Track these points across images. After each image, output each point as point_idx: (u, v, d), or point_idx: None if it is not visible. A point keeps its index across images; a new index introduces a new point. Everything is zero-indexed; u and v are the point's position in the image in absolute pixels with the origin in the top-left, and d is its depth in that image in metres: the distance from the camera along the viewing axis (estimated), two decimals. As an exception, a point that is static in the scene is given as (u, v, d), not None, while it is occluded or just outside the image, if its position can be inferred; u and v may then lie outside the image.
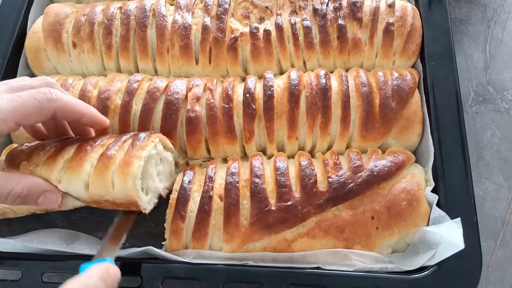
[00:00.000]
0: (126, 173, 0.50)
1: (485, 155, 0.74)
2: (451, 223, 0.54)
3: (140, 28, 0.69)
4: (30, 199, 0.50)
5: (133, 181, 0.50)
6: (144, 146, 0.52)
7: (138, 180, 0.51)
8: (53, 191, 0.51)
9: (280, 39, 0.67)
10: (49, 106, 0.48)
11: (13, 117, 0.46)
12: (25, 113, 0.47)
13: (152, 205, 0.55)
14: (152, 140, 0.54)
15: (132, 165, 0.50)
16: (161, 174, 0.57)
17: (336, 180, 0.57)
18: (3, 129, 0.46)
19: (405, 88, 0.62)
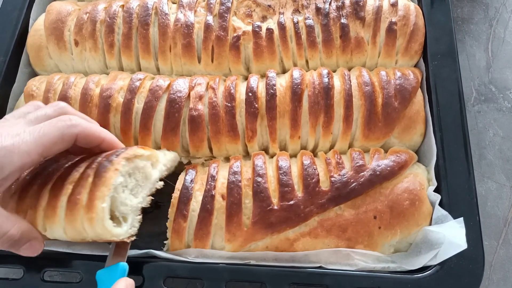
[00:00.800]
0: (91, 219, 0.46)
1: (487, 154, 0.74)
2: (453, 222, 0.54)
3: (142, 26, 0.69)
4: (19, 244, 0.48)
5: (102, 225, 0.47)
6: (106, 181, 0.47)
7: (107, 221, 0.47)
8: (38, 240, 0.49)
9: (282, 38, 0.67)
10: (71, 132, 0.48)
11: (37, 149, 0.45)
12: (48, 144, 0.46)
13: (137, 224, 0.53)
14: (116, 168, 0.48)
15: (94, 210, 0.46)
16: (136, 186, 0.53)
17: (339, 179, 0.57)
18: (27, 162, 0.45)
19: (407, 88, 0.62)
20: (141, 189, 0.54)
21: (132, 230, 0.51)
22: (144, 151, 0.53)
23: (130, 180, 0.51)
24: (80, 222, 0.47)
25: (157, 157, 0.56)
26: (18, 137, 0.45)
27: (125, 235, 0.50)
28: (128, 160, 0.50)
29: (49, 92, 0.66)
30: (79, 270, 0.56)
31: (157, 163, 0.56)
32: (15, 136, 0.45)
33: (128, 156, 0.50)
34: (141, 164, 0.53)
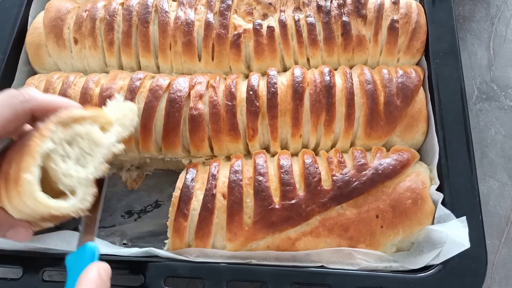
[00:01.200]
0: (19, 193, 0.42)
1: (489, 153, 0.74)
2: (456, 221, 0.54)
3: (142, 24, 0.68)
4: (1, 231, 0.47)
5: (32, 198, 0.42)
6: (29, 150, 0.42)
7: (37, 193, 0.42)
8: (25, 226, 0.48)
9: (283, 36, 0.67)
10: (24, 108, 0.46)
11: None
12: (1, 123, 0.44)
13: (89, 198, 0.48)
14: (42, 135, 0.43)
15: (20, 183, 0.42)
16: (82, 155, 0.48)
17: (341, 178, 0.57)
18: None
19: (410, 86, 0.62)
20: (91, 158, 0.48)
21: (82, 204, 0.47)
22: (84, 112, 0.48)
23: (71, 149, 0.47)
24: (15, 198, 0.43)
25: (106, 118, 0.50)
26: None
27: (71, 209, 0.46)
28: (63, 125, 0.45)
29: (48, 91, 0.65)
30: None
31: (108, 124, 0.51)
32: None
33: (61, 120, 0.45)
34: (82, 129, 0.47)
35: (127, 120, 0.54)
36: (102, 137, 0.49)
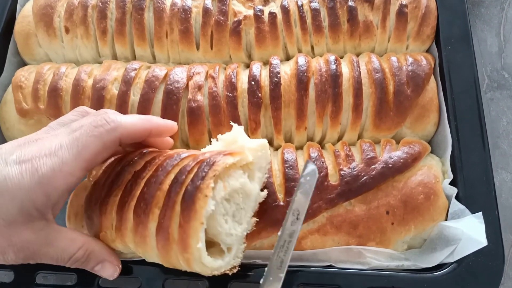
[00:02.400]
0: (188, 260, 0.41)
1: (501, 143, 0.71)
2: (472, 217, 0.51)
3: (136, 11, 0.64)
4: (89, 265, 0.46)
5: (200, 264, 0.41)
6: (196, 214, 0.40)
7: (205, 259, 0.41)
8: (112, 262, 0.47)
9: (286, 22, 0.63)
10: (111, 138, 0.43)
11: (79, 166, 0.42)
12: (90, 157, 0.42)
13: (241, 254, 0.46)
14: (205, 195, 0.40)
15: (189, 250, 0.40)
16: (238, 211, 0.45)
17: (349, 173, 0.54)
18: (72, 181, 0.42)
19: (420, 74, 0.59)
20: (244, 212, 0.46)
21: (235, 261, 0.46)
22: (232, 158, 0.43)
23: (229, 206, 0.44)
24: (175, 258, 0.42)
25: (248, 161, 0.46)
26: (57, 158, 0.41)
27: (226, 267, 0.44)
28: (218, 178, 0.42)
29: (38, 83, 0.62)
30: (74, 272, 0.53)
31: (252, 171, 0.47)
32: (53, 157, 0.41)
33: (216, 174, 0.41)
34: (237, 183, 0.44)
35: (263, 161, 0.49)
36: (252, 188, 0.47)
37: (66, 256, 0.44)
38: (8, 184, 0.40)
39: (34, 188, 0.40)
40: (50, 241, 0.43)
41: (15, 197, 0.40)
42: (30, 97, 0.61)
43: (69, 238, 0.45)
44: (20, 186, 0.40)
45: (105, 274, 0.47)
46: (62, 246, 0.44)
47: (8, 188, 0.40)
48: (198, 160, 0.43)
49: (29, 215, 0.41)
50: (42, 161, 0.41)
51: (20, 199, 0.40)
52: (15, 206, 0.40)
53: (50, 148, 0.42)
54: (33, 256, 0.43)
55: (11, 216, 0.41)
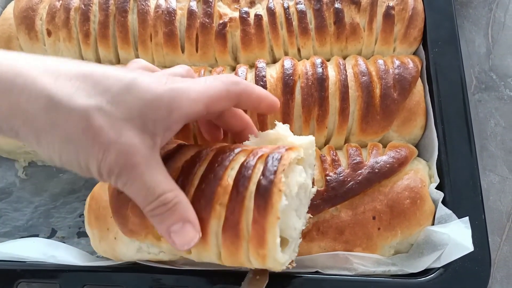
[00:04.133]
0: (263, 256, 0.39)
1: (488, 145, 0.70)
2: (458, 222, 0.51)
3: (120, 13, 0.63)
4: (169, 219, 0.40)
5: (274, 260, 0.40)
6: (272, 209, 0.38)
7: (278, 254, 0.40)
8: (194, 226, 0.40)
9: (272, 24, 0.62)
10: (235, 89, 0.43)
11: (204, 99, 0.40)
12: (214, 96, 0.41)
13: (297, 248, 0.46)
14: (279, 189, 0.39)
15: (266, 246, 0.39)
16: (300, 206, 0.45)
17: (335, 178, 0.53)
18: (194, 111, 0.40)
19: (407, 77, 0.58)
20: (303, 208, 0.46)
21: (293, 256, 0.45)
22: (294, 153, 0.42)
23: (296, 200, 0.44)
24: (244, 255, 0.40)
25: (301, 156, 0.44)
26: (184, 83, 0.40)
27: (287, 262, 0.43)
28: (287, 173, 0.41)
29: (19, 87, 0.60)
30: (57, 281, 0.52)
31: (304, 168, 0.46)
32: (184, 81, 0.40)
33: (285, 168, 0.40)
34: (301, 178, 0.43)
35: (312, 158, 0.48)
36: (309, 184, 0.46)
37: (157, 192, 0.39)
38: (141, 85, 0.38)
39: (161, 97, 0.38)
40: (149, 164, 0.38)
41: (142, 100, 0.38)
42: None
43: (165, 175, 0.40)
44: (150, 92, 0.38)
45: (181, 238, 0.40)
46: (158, 178, 0.39)
47: (140, 89, 0.38)
48: (259, 155, 0.42)
49: (144, 124, 0.38)
50: (168, 80, 0.40)
51: (145, 105, 0.38)
52: (139, 107, 0.37)
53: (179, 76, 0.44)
54: (127, 173, 0.38)
55: (129, 114, 0.37)
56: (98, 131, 0.36)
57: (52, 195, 0.64)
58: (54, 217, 0.62)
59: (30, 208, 0.63)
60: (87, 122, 0.36)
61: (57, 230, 0.62)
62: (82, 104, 0.36)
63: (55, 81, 0.36)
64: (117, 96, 0.37)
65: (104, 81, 0.38)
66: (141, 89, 0.38)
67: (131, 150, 0.37)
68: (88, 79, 0.37)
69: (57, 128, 0.36)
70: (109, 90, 0.37)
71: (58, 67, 0.37)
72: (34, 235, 0.61)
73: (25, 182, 0.65)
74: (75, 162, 0.38)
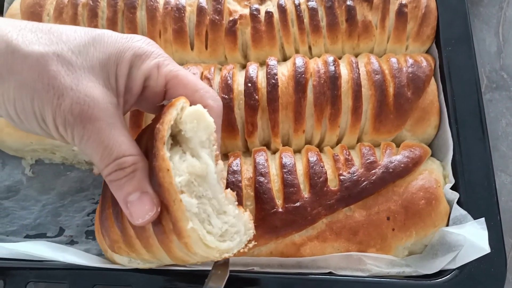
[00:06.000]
0: (187, 245, 0.38)
1: (500, 145, 0.70)
2: (474, 223, 0.50)
3: (128, 9, 0.62)
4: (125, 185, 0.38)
5: (202, 245, 0.38)
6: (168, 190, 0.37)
7: (206, 238, 0.38)
8: (153, 199, 0.38)
9: (283, 22, 0.61)
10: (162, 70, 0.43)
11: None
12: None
13: (250, 232, 0.44)
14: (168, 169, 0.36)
15: (184, 234, 0.37)
16: (210, 204, 0.41)
17: (348, 178, 0.52)
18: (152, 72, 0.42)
19: (421, 76, 0.57)
20: (216, 201, 0.42)
21: (247, 236, 0.43)
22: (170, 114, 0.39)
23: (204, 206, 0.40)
24: (179, 250, 0.40)
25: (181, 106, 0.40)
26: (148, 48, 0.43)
27: (239, 246, 0.41)
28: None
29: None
30: (66, 281, 0.51)
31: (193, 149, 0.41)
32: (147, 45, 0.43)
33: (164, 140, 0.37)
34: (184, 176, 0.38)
35: (202, 134, 0.41)
36: (203, 168, 0.40)
37: (115, 153, 0.37)
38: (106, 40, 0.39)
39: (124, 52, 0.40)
40: (111, 122, 0.37)
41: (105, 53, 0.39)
42: (19, 99, 0.59)
43: (128, 137, 0.38)
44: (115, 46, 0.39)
45: (138, 210, 0.37)
46: (118, 139, 0.37)
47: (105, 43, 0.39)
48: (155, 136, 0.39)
49: (106, 78, 0.38)
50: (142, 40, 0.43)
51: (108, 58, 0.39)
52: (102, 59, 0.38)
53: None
54: (83, 125, 0.36)
55: (91, 64, 0.37)
56: (54, 75, 0.35)
57: (59, 194, 0.63)
58: (62, 216, 0.61)
59: (37, 207, 0.62)
60: (43, 67, 0.35)
61: (65, 228, 0.61)
62: (40, 50, 0.36)
63: (18, 31, 0.37)
64: (80, 47, 0.38)
65: (70, 33, 0.38)
66: (106, 43, 0.39)
67: (88, 101, 0.36)
68: (54, 31, 0.38)
69: (13, 73, 0.36)
70: (72, 41, 0.38)
71: (27, 23, 0.38)
72: (41, 234, 0.60)
73: (32, 180, 0.64)
74: (30, 111, 0.36)
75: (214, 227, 0.40)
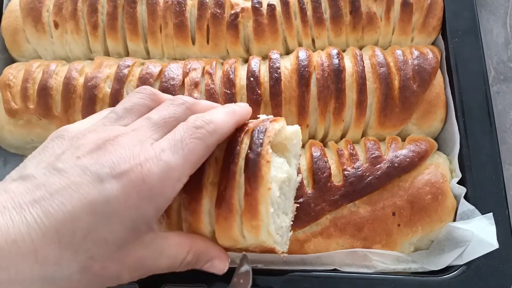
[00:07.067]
0: (256, 227, 0.39)
1: (508, 138, 0.68)
2: (482, 218, 0.49)
3: (129, 4, 0.62)
4: (197, 265, 0.42)
5: (267, 233, 0.40)
6: (263, 180, 0.39)
7: (271, 226, 0.40)
8: (221, 258, 0.43)
9: (286, 14, 0.60)
10: (214, 140, 0.39)
11: (186, 172, 0.37)
12: (196, 161, 0.38)
13: (288, 242, 0.45)
14: (267, 161, 0.39)
15: (259, 217, 0.39)
16: (285, 201, 0.45)
17: (353, 173, 0.51)
18: (179, 188, 0.38)
19: (427, 68, 0.56)
20: (289, 202, 0.46)
21: (283, 248, 0.44)
22: (278, 123, 0.42)
23: (281, 200, 0.43)
24: (238, 230, 0.40)
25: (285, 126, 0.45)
26: (163, 163, 0.36)
27: (281, 247, 0.43)
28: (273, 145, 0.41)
29: (27, 82, 0.59)
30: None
31: (289, 158, 0.46)
32: (158, 161, 0.36)
33: (270, 140, 0.40)
34: (283, 174, 0.42)
35: (298, 148, 0.47)
36: (293, 174, 0.45)
37: (178, 262, 0.40)
38: (115, 205, 0.34)
39: (143, 204, 0.35)
40: (161, 252, 0.39)
41: (124, 219, 0.35)
42: (19, 97, 0.58)
43: (176, 244, 0.40)
44: (128, 205, 0.34)
45: (215, 270, 0.43)
46: (172, 254, 0.40)
47: (115, 210, 0.34)
48: (245, 130, 0.42)
49: (139, 231, 0.36)
50: (146, 168, 0.35)
51: (130, 219, 0.35)
52: (126, 227, 0.35)
53: (148, 151, 0.36)
54: (148, 272, 0.40)
55: (122, 239, 0.35)
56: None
57: (61, 191, 0.62)
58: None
59: (39, 204, 0.61)
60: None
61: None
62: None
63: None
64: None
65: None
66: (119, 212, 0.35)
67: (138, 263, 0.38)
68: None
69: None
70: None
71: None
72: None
73: (34, 177, 0.64)
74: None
75: (280, 220, 0.43)
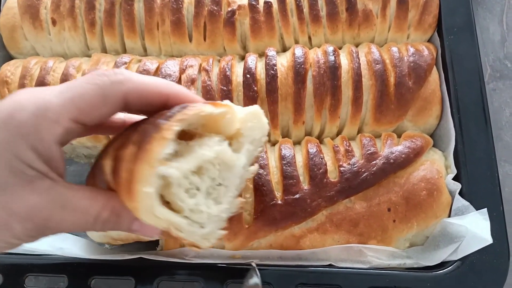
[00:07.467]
0: (135, 209, 0.34)
1: (504, 135, 0.69)
2: (476, 214, 0.49)
3: (126, 1, 0.62)
4: (121, 225, 0.37)
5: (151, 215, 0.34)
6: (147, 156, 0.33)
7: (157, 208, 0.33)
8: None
9: (282, 12, 0.61)
10: (115, 90, 0.35)
11: (68, 113, 0.33)
12: (84, 106, 0.34)
13: (214, 239, 0.38)
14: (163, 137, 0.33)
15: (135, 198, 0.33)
16: (214, 188, 0.37)
17: (348, 169, 0.52)
18: (56, 132, 0.33)
19: (422, 65, 0.56)
20: (225, 190, 0.38)
21: (208, 241, 0.38)
22: (212, 108, 0.36)
23: (201, 180, 0.36)
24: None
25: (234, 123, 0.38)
26: (40, 100, 0.33)
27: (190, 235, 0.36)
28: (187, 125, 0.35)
29: (25, 78, 0.59)
30: (65, 275, 0.51)
31: (240, 143, 0.39)
32: (35, 99, 0.33)
33: (184, 117, 0.34)
34: (210, 153, 0.36)
35: (257, 133, 0.40)
36: (235, 160, 0.38)
37: (90, 219, 0.35)
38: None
39: (14, 140, 0.32)
40: (64, 203, 0.34)
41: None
42: (16, 93, 0.59)
43: (87, 196, 0.35)
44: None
45: (146, 232, 0.38)
46: (81, 207, 0.35)
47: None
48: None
49: (23, 174, 0.33)
50: (18, 104, 0.32)
51: (3, 157, 0.32)
52: (3, 166, 0.32)
53: (32, 92, 0.33)
54: (48, 225, 0.34)
55: (1, 178, 0.32)
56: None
57: (58, 188, 0.62)
58: (61, 210, 0.61)
59: (36, 201, 0.62)
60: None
61: (64, 222, 0.60)
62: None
63: None
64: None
65: None
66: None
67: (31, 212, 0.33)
68: None
69: None
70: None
71: None
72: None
73: (32, 174, 0.64)
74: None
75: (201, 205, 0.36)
